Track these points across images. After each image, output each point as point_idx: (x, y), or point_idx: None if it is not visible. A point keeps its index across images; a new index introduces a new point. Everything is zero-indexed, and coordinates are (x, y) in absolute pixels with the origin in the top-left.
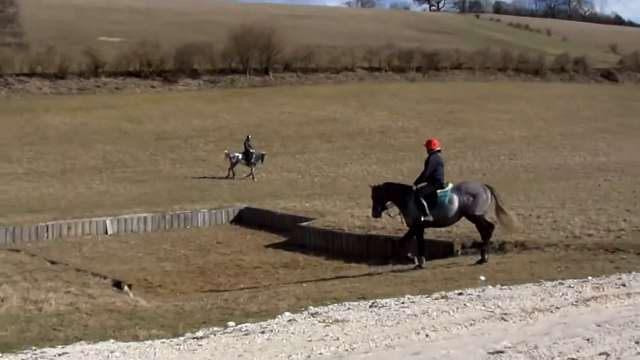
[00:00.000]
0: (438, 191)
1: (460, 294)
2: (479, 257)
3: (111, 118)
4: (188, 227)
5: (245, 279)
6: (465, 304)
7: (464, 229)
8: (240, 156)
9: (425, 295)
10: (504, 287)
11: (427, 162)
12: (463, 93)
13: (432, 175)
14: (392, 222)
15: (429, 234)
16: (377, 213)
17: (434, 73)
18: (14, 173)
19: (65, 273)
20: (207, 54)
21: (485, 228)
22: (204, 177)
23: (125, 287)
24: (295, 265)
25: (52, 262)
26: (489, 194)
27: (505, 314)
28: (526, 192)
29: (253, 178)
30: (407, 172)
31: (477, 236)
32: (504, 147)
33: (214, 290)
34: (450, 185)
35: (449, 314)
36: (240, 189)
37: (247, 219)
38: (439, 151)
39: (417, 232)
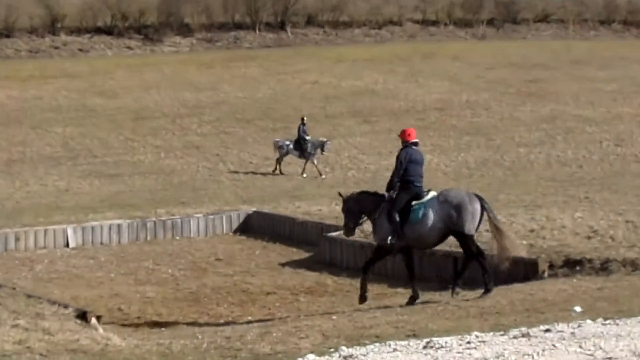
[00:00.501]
0: (413, 202)
1: (547, 330)
2: (483, 290)
3: (73, 90)
4: (177, 238)
5: (254, 309)
6: (554, 345)
7: (552, 240)
8: (291, 145)
9: (499, 333)
10: (607, 321)
11: (396, 159)
12: (551, 55)
13: (404, 177)
14: None
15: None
16: (348, 230)
17: (512, 28)
18: None
19: (12, 300)
20: (202, 4)
21: (471, 255)
22: (199, 171)
23: (93, 320)
24: (321, 291)
25: None
26: (477, 207)
27: (610, 358)
28: (638, 192)
29: (302, 174)
30: (475, 163)
31: (571, 251)
32: (608, 130)
33: (212, 324)
34: (431, 194)
35: (533, 357)
36: (248, 186)
37: (256, 227)
38: (414, 144)
39: (380, 257)
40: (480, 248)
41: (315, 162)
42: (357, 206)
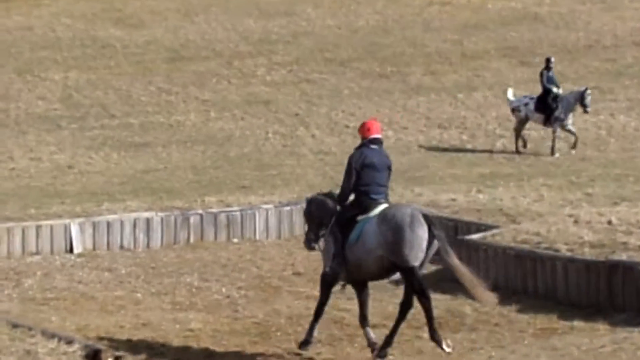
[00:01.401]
0: (359, 217)
1: None
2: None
3: (79, 17)
4: (235, 240)
5: (351, 350)
6: None
7: None
8: (531, 104)
9: None
10: None
11: (347, 162)
12: None
13: (357, 187)
14: None
15: None
16: (308, 242)
17: None
18: None
19: None
20: None
21: (413, 294)
22: (268, 138)
23: None
24: (455, 323)
25: None
26: (422, 232)
27: None
28: None
29: (553, 150)
30: None
31: None
32: None
33: None
34: (379, 208)
35: None
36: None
37: None
38: (375, 141)
39: (326, 289)
40: (425, 287)
41: (572, 127)
42: (318, 213)
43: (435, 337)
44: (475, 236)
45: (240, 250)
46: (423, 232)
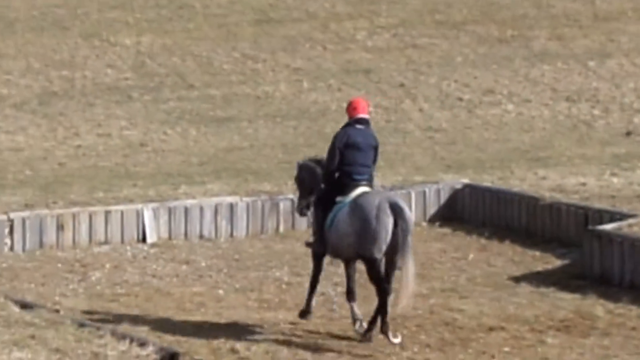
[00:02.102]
0: (337, 198)
1: None
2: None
3: None
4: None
5: (465, 356)
6: None
7: None
8: None
9: None
10: None
11: (331, 142)
12: None
13: (340, 167)
14: None
15: None
16: (300, 209)
17: None
18: None
19: (53, 331)
20: None
21: (376, 288)
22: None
23: None
24: (585, 327)
25: (23, 306)
26: (387, 223)
27: None
28: None
29: None
30: None
31: None
32: None
33: None
34: (356, 192)
35: None
36: (455, 141)
37: (469, 212)
38: (360, 121)
39: (316, 261)
40: (382, 280)
41: None
42: (309, 179)
43: (384, 329)
44: (608, 226)
45: None
46: (387, 224)
